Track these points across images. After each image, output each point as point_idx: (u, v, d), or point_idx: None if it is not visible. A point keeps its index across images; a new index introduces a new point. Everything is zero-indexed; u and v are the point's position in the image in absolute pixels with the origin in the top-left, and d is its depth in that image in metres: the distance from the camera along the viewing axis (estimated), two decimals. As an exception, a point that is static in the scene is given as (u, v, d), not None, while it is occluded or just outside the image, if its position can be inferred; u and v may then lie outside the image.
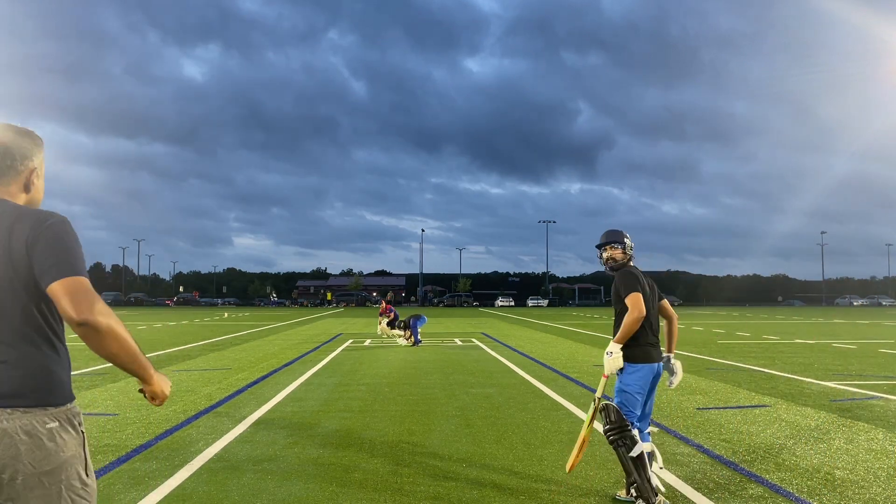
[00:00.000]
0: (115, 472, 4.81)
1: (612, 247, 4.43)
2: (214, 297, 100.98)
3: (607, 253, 4.44)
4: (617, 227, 4.58)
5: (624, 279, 4.22)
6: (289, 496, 4.25)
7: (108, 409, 7.37)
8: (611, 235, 4.48)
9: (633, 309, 4.05)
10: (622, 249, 4.41)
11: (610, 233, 4.50)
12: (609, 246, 4.45)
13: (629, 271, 4.29)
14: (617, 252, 4.44)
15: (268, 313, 46.56)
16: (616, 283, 4.28)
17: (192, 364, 12.00)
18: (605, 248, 4.47)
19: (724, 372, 10.68)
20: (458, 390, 8.71)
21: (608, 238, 4.49)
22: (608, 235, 4.50)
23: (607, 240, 4.48)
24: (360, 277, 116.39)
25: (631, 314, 4.04)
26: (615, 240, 4.45)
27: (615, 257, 4.43)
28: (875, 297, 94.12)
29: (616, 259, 4.43)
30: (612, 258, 4.43)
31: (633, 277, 4.21)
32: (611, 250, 4.43)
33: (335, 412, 7.17)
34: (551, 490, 4.37)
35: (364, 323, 28.89)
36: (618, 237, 4.46)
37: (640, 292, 4.11)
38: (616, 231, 4.52)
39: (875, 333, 21.05)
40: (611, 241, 4.46)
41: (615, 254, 4.43)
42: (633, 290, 4.13)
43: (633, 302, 4.08)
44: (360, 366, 11.69)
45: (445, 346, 16.18)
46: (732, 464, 5.00)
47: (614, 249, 4.42)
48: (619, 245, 4.42)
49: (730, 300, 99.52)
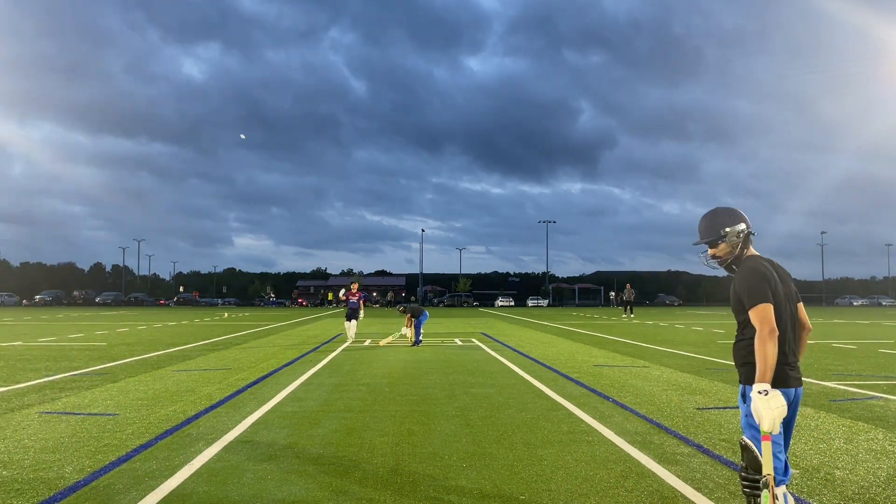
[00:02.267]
0: (115, 472, 4.81)
1: (712, 246, 3.38)
2: (214, 297, 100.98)
3: (711, 251, 3.39)
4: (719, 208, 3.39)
5: (747, 281, 3.13)
6: (289, 496, 4.25)
7: (108, 409, 7.37)
8: (706, 231, 3.38)
9: (763, 325, 3.00)
10: (725, 242, 3.32)
11: (706, 226, 3.39)
12: (710, 246, 3.39)
13: (754, 268, 3.17)
14: (720, 249, 3.35)
15: (268, 313, 46.57)
16: (736, 286, 3.21)
17: (192, 364, 12.00)
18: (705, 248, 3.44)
19: (724, 372, 10.68)
20: (458, 390, 8.71)
21: (704, 236, 3.39)
22: (704, 231, 3.39)
23: (704, 238, 3.39)
24: (360, 277, 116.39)
25: (761, 333, 2.99)
26: (711, 237, 3.35)
27: (718, 255, 3.36)
28: (875, 297, 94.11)
29: (721, 257, 3.35)
30: (716, 257, 3.37)
31: (761, 278, 3.11)
32: (711, 249, 3.39)
33: (335, 412, 7.17)
34: (551, 490, 4.37)
35: (364, 323, 28.89)
36: (714, 231, 3.34)
37: (770, 302, 3.05)
38: (714, 217, 3.37)
39: (875, 333, 21.05)
40: (707, 239, 3.37)
41: (717, 252, 3.36)
42: (762, 300, 3.05)
43: (763, 317, 3.01)
44: (360, 366, 11.69)
45: (445, 346, 16.18)
46: (732, 464, 5.00)
47: (714, 248, 3.37)
48: (720, 240, 3.32)
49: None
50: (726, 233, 3.30)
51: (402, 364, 11.95)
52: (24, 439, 5.85)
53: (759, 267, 3.17)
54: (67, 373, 10.59)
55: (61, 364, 11.87)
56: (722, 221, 3.32)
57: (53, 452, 5.37)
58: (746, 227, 3.30)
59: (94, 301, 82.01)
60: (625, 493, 4.32)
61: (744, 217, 3.32)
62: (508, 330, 23.54)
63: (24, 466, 4.96)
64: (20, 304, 76.80)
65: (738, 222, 3.30)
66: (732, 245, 3.30)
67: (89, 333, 20.78)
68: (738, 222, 3.30)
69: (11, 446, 5.59)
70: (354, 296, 17.39)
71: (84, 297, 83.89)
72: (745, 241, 3.30)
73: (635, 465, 5.00)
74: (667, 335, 19.92)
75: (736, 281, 3.22)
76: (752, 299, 3.07)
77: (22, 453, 5.35)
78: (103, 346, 16.06)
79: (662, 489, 4.40)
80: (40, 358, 13.02)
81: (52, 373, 10.56)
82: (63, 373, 10.58)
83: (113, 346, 16.06)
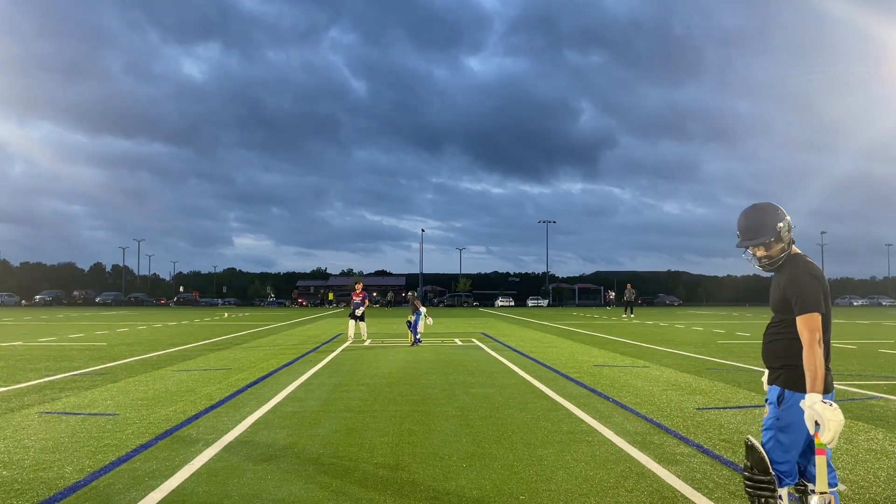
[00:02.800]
0: (115, 472, 4.81)
1: (756, 248, 3.11)
2: (214, 297, 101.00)
3: (759, 252, 3.11)
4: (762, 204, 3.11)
5: (802, 286, 2.92)
6: (289, 496, 4.25)
7: (108, 409, 7.37)
8: (759, 231, 3.06)
9: (812, 335, 2.83)
10: (774, 240, 3.04)
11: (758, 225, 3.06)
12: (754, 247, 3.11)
13: (811, 273, 2.96)
14: (775, 248, 3.08)
15: (268, 313, 46.57)
16: (784, 286, 2.98)
17: (192, 364, 12.00)
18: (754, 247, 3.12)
19: (724, 372, 10.68)
20: (458, 390, 8.71)
21: (748, 236, 3.09)
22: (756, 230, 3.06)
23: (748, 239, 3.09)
24: (361, 277, 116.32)
25: (811, 343, 2.82)
26: (767, 236, 3.04)
27: (773, 255, 3.09)
28: (875, 297, 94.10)
29: (775, 256, 3.08)
30: (769, 255, 3.09)
31: (816, 285, 2.92)
32: (756, 251, 3.11)
33: (335, 412, 7.17)
34: (551, 490, 4.37)
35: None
36: (770, 230, 3.04)
37: (821, 312, 2.88)
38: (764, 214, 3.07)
39: (875, 333, 21.05)
40: (753, 239, 3.08)
41: (772, 252, 3.09)
42: (814, 309, 2.87)
43: (813, 327, 2.85)
44: (360, 366, 11.69)
45: (445, 346, 16.18)
46: (732, 464, 5.00)
47: (759, 249, 3.10)
48: (775, 238, 3.03)
49: (731, 300, 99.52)
50: (780, 229, 3.02)
51: (402, 364, 11.95)
52: (24, 439, 5.85)
53: (815, 271, 2.97)
54: (67, 373, 10.59)
55: (61, 364, 11.87)
56: (773, 217, 3.05)
57: (53, 452, 5.37)
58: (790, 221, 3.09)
59: (94, 301, 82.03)
60: (625, 493, 4.32)
61: (784, 210, 3.11)
62: (508, 330, 23.54)
63: (24, 466, 4.96)
64: (20, 304, 76.81)
65: (784, 217, 3.07)
66: (786, 242, 3.06)
67: (89, 333, 20.78)
68: (785, 217, 3.07)
69: (11, 446, 5.59)
70: (358, 296, 17.54)
71: (84, 297, 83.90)
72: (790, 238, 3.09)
73: (635, 465, 5.00)
74: (667, 335, 19.92)
75: (786, 281, 2.98)
76: (804, 307, 2.88)
77: (22, 453, 5.35)
78: (103, 346, 16.06)
79: (662, 489, 4.40)
80: (40, 358, 13.02)
81: (52, 373, 10.56)
82: (63, 373, 10.58)
83: (113, 346, 16.06)
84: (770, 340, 3.11)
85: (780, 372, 3.01)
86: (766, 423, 3.03)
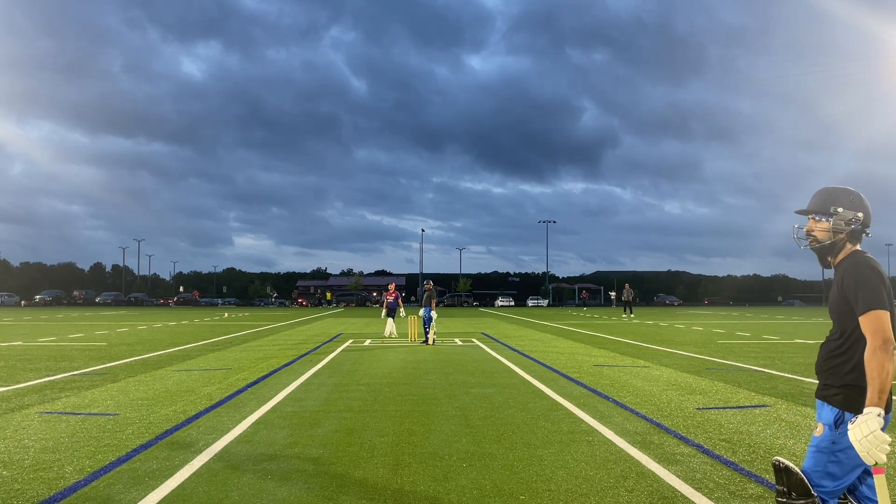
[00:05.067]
0: (115, 472, 4.81)
1: (813, 218, 2.81)
2: (214, 297, 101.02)
3: (808, 226, 2.83)
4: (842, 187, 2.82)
5: (862, 279, 2.61)
6: (289, 496, 4.25)
7: (108, 409, 7.38)
8: (815, 203, 2.82)
9: (876, 335, 2.49)
10: (830, 222, 2.75)
11: (818, 199, 2.83)
12: (811, 217, 2.83)
13: (871, 266, 2.66)
14: (819, 227, 2.80)
15: (268, 313, 46.58)
16: (843, 283, 2.68)
17: (192, 364, 12.00)
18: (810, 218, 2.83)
19: (724, 372, 10.68)
20: (458, 390, 8.71)
21: (812, 204, 2.83)
22: (813, 202, 2.83)
23: (810, 207, 2.84)
24: (361, 277, 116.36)
25: (873, 344, 2.49)
26: (817, 210, 2.80)
27: (814, 233, 2.81)
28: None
29: (819, 239, 2.80)
30: (814, 236, 2.81)
31: (878, 279, 2.61)
32: (812, 222, 2.82)
33: (335, 412, 7.17)
34: (551, 490, 4.37)
35: (364, 323, 28.90)
36: (823, 205, 2.78)
37: (886, 308, 2.54)
38: (831, 193, 2.80)
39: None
40: (812, 210, 2.82)
41: (815, 229, 2.81)
42: (878, 305, 2.53)
43: (878, 325, 2.50)
44: (360, 366, 11.69)
45: (445, 346, 16.19)
46: (732, 464, 5.00)
47: (816, 222, 2.80)
48: (825, 217, 2.77)
49: (732, 300, 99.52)
50: (836, 213, 2.74)
51: (402, 364, 11.95)
52: (24, 439, 5.85)
53: (876, 265, 2.66)
54: (67, 373, 10.59)
55: (61, 364, 11.87)
56: (838, 199, 2.77)
57: (53, 452, 5.37)
58: (864, 218, 2.75)
59: (94, 301, 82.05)
60: (625, 493, 4.32)
61: (867, 207, 2.77)
62: (508, 330, 23.54)
63: (24, 466, 4.96)
64: (20, 304, 76.81)
65: (856, 209, 2.74)
66: (837, 230, 2.73)
67: (89, 333, 20.78)
68: (857, 210, 2.75)
69: (11, 446, 5.59)
70: (392, 295, 18.78)
71: (84, 297, 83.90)
72: (852, 234, 2.74)
73: (635, 465, 5.00)
74: (667, 335, 19.92)
75: (845, 276, 2.68)
76: (866, 303, 2.53)
77: (22, 453, 5.36)
78: (103, 346, 16.06)
79: (662, 489, 4.40)
80: (40, 358, 13.02)
81: (52, 373, 10.56)
82: (63, 373, 10.58)
83: (113, 346, 16.06)
84: (830, 356, 2.73)
85: (840, 391, 2.65)
86: (820, 445, 2.67)
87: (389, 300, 19.03)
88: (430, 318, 16.60)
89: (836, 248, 2.76)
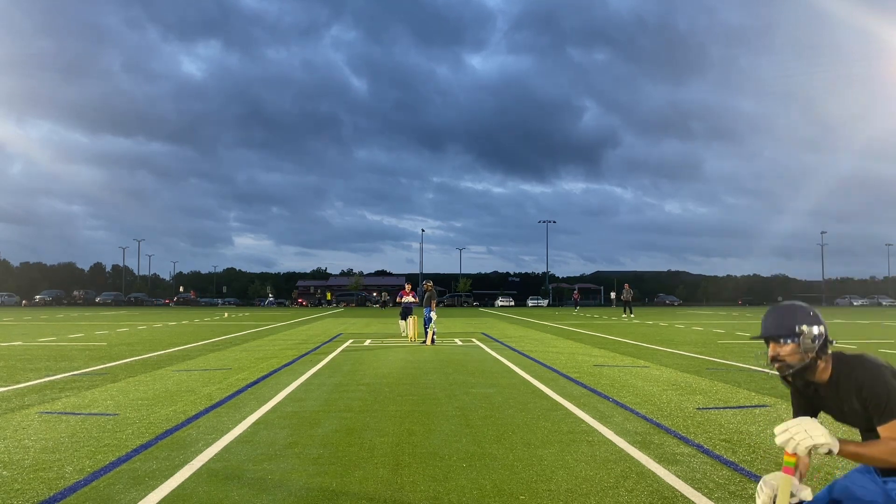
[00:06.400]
0: (115, 472, 4.81)
1: (776, 342, 2.61)
2: (214, 297, 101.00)
3: (772, 351, 2.63)
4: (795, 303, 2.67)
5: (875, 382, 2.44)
6: (289, 496, 4.26)
7: (108, 409, 7.38)
8: (774, 325, 2.61)
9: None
10: (797, 343, 2.58)
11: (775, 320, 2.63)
12: (772, 341, 2.62)
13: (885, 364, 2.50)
14: (787, 349, 2.59)
15: (268, 313, 46.57)
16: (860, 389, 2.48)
17: (192, 364, 12.00)
18: (769, 343, 2.64)
19: (724, 372, 10.68)
20: (458, 390, 8.71)
21: (771, 328, 2.62)
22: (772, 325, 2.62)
23: (769, 332, 2.62)
24: (360, 277, 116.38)
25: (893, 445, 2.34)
26: (781, 332, 2.59)
27: (787, 360, 2.60)
28: (875, 298, 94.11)
29: (790, 364, 2.59)
30: (783, 360, 2.61)
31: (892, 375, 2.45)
32: (774, 347, 2.62)
33: (335, 412, 7.17)
34: (551, 490, 4.37)
35: (364, 323, 28.90)
36: (786, 326, 2.59)
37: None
38: (787, 311, 2.63)
39: (875, 333, 21.05)
40: (774, 334, 2.61)
41: (782, 352, 2.60)
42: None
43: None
44: (360, 366, 11.69)
45: (445, 346, 16.19)
46: (732, 464, 5.00)
47: (781, 345, 2.60)
48: (790, 339, 2.58)
49: (732, 300, 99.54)
50: (801, 331, 2.57)
51: (402, 364, 11.95)
52: (24, 439, 5.85)
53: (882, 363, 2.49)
54: (67, 373, 10.59)
55: (61, 364, 11.87)
56: (797, 317, 2.60)
57: (53, 452, 5.37)
58: (825, 331, 2.60)
59: (94, 301, 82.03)
60: (625, 493, 4.32)
61: (822, 321, 2.62)
62: (508, 330, 23.54)
63: (24, 466, 4.96)
64: (20, 304, 76.81)
65: (818, 324, 2.60)
66: (806, 349, 2.57)
67: (89, 333, 20.78)
68: (819, 324, 2.60)
69: (11, 446, 5.59)
70: (409, 295, 18.67)
71: (84, 297, 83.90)
72: (822, 349, 2.58)
73: (635, 465, 5.01)
74: (667, 335, 19.92)
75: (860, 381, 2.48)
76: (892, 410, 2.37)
77: (22, 453, 5.35)
78: (103, 346, 16.06)
79: (662, 489, 4.40)
80: (40, 358, 13.02)
81: (52, 373, 10.56)
82: (63, 373, 10.58)
83: (113, 346, 16.06)
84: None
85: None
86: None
87: (406, 300, 18.71)
88: (430, 318, 16.63)
89: (814, 368, 2.60)
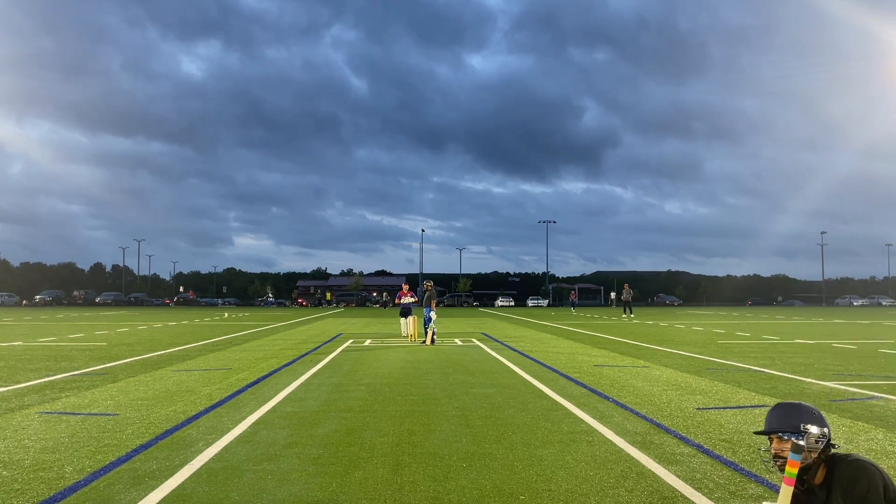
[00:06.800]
0: (115, 472, 4.81)
1: (779, 438, 2.67)
2: (214, 297, 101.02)
3: (775, 446, 2.69)
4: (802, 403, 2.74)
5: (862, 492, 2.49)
6: (289, 496, 4.25)
7: (108, 409, 7.38)
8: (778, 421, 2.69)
9: None
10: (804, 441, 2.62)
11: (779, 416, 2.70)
12: (776, 437, 2.68)
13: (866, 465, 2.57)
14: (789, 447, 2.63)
15: (268, 313, 46.57)
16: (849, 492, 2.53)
17: (192, 364, 12.00)
18: (771, 439, 2.70)
19: (724, 372, 10.68)
20: (458, 390, 8.71)
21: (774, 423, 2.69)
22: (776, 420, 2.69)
23: (772, 426, 2.69)
24: (360, 277, 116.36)
25: None
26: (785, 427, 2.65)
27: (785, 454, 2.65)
28: (875, 298, 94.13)
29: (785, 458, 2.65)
30: (780, 457, 2.68)
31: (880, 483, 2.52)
32: (777, 443, 2.68)
33: (335, 412, 7.17)
34: (551, 490, 4.37)
35: (364, 323, 28.90)
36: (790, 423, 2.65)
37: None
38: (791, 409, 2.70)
39: (875, 333, 21.05)
40: (777, 428, 2.67)
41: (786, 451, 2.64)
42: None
43: None
44: (360, 366, 11.69)
45: (445, 346, 16.19)
46: (732, 464, 5.00)
47: (783, 441, 2.65)
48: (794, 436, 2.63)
49: (732, 300, 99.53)
50: (805, 430, 2.60)
51: (402, 364, 11.95)
52: (24, 439, 5.85)
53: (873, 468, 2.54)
54: (67, 373, 10.59)
55: (61, 364, 11.87)
56: (802, 416, 2.65)
57: (53, 452, 5.37)
58: (829, 433, 2.65)
59: (95, 301, 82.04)
60: (625, 493, 4.32)
61: (826, 423, 2.68)
62: (508, 330, 23.54)
63: (24, 466, 4.96)
64: (20, 304, 76.82)
65: (822, 425, 2.64)
66: (809, 449, 2.60)
67: (89, 333, 20.78)
68: (823, 426, 2.65)
69: (11, 446, 5.59)
70: (407, 295, 18.80)
71: (84, 297, 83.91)
72: (824, 451, 2.61)
73: (635, 465, 5.01)
74: (667, 335, 19.92)
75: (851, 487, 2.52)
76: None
77: (22, 453, 5.36)
78: (103, 346, 16.06)
79: (662, 489, 4.40)
80: (40, 358, 13.02)
81: (52, 373, 10.56)
82: (63, 373, 10.58)
83: (113, 346, 16.06)
84: None
85: None
86: None
87: (407, 300, 18.81)
88: (430, 318, 16.63)
89: (815, 469, 2.62)
